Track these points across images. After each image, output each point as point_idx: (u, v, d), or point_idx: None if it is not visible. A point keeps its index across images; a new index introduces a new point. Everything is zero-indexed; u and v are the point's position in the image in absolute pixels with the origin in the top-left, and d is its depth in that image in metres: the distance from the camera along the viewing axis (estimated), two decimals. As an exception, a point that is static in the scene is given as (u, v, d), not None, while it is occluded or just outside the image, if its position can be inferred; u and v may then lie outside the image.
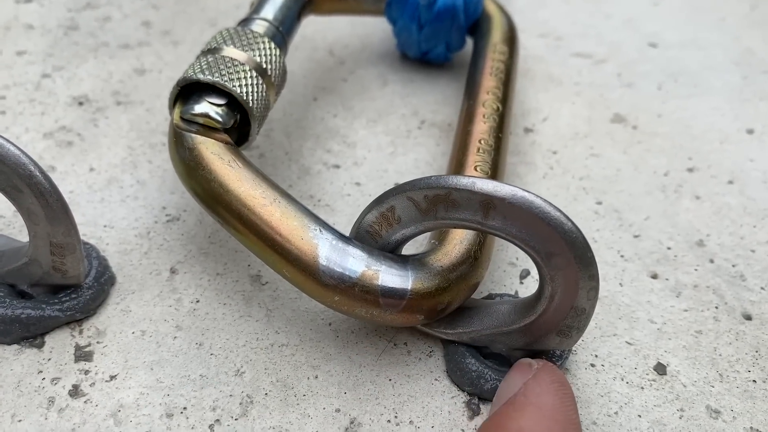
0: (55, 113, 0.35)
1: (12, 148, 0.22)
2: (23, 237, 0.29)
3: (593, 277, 0.21)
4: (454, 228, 0.23)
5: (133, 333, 0.26)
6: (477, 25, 0.37)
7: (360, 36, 0.42)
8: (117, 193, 0.31)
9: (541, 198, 0.21)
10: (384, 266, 0.23)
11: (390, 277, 0.23)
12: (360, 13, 0.38)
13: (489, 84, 0.32)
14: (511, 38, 0.36)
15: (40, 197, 0.23)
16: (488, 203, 0.21)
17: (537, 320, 0.23)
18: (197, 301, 0.27)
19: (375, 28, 0.43)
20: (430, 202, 0.22)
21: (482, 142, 0.29)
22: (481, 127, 0.30)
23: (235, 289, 0.27)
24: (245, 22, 0.31)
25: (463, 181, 0.21)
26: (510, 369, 0.23)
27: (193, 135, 0.26)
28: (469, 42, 0.38)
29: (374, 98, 0.38)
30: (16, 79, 0.37)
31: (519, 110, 0.37)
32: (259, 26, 0.31)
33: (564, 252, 0.21)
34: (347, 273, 0.23)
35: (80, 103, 0.36)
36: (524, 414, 0.21)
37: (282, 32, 0.31)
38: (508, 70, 0.34)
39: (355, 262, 0.23)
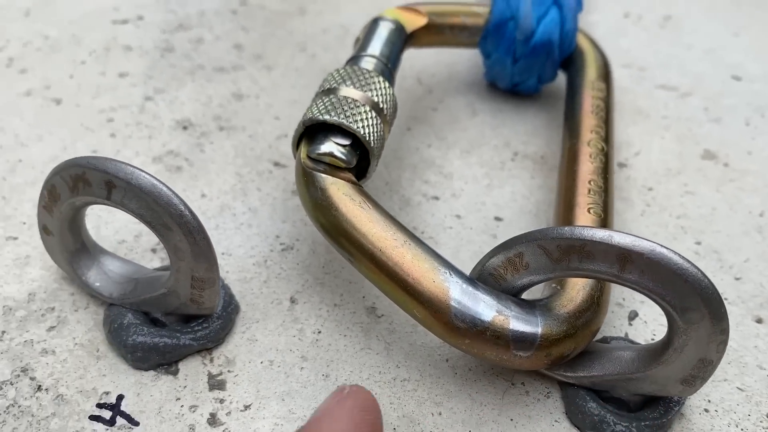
0: (161, 137, 0.37)
1: (164, 189, 0.24)
2: (145, 262, 0.30)
3: (724, 331, 0.22)
4: (586, 278, 0.24)
5: (261, 363, 0.27)
6: (570, 59, 0.38)
7: (446, 64, 0.43)
8: (230, 220, 0.32)
9: (679, 255, 0.21)
10: (513, 312, 0.24)
11: (520, 322, 0.24)
12: (455, 46, 0.39)
13: (590, 122, 0.33)
14: (606, 74, 0.37)
15: (188, 235, 0.24)
16: (625, 257, 0.22)
17: (662, 369, 0.24)
18: (319, 332, 0.28)
19: (461, 57, 0.43)
20: (562, 252, 0.23)
21: (592, 183, 0.30)
22: (588, 167, 0.31)
23: (353, 321, 0.28)
24: (355, 59, 0.32)
25: (599, 234, 0.22)
26: None
27: (323, 175, 0.27)
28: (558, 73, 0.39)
29: (465, 128, 0.39)
30: (121, 101, 0.39)
31: (610, 144, 0.38)
32: (368, 63, 0.31)
33: (699, 308, 0.22)
34: (478, 317, 0.24)
35: (184, 128, 0.37)
36: None
37: (390, 68, 0.32)
38: (608, 107, 0.34)
39: (485, 307, 0.24)
